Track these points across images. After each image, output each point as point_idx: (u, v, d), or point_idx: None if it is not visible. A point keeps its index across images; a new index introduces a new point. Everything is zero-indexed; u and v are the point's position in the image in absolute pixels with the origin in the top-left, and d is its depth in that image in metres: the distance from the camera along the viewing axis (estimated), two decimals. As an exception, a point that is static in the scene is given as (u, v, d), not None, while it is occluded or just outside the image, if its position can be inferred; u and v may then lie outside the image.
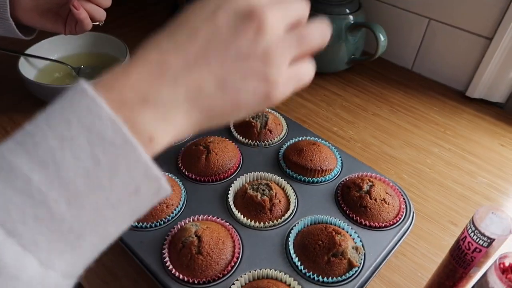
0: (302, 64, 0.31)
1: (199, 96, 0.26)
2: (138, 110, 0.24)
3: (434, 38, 0.87)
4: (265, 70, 0.27)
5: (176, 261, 0.48)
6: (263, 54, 0.27)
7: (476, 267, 0.44)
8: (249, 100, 0.28)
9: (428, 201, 0.65)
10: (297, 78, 0.30)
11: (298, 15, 0.30)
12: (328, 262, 0.48)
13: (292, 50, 0.29)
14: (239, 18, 0.27)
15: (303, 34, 0.29)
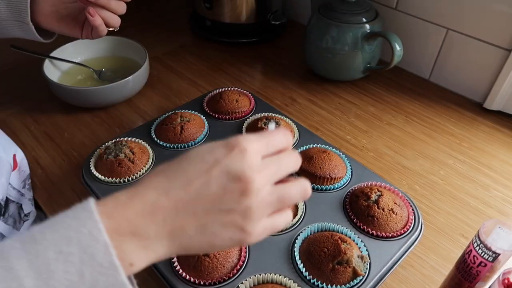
0: (279, 216, 0.35)
1: (181, 236, 0.31)
2: (127, 240, 0.29)
3: (452, 48, 0.87)
4: (243, 223, 0.32)
5: (183, 262, 0.50)
6: (244, 211, 0.31)
7: (481, 281, 0.43)
8: (224, 243, 0.32)
9: (440, 213, 0.64)
10: (272, 227, 0.34)
11: (287, 172, 0.35)
12: (333, 269, 0.49)
13: (271, 208, 0.33)
14: (230, 178, 0.31)
15: (284, 194, 0.33)
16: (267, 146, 0.34)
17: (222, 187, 0.31)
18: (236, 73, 0.95)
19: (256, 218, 0.32)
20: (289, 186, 0.34)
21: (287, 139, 0.36)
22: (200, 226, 0.31)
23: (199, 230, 0.31)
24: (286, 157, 0.35)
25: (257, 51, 1.04)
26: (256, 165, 0.32)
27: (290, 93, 0.89)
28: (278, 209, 0.34)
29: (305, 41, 0.90)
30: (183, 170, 0.32)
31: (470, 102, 0.88)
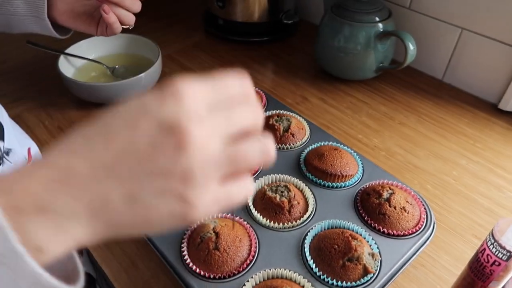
0: (235, 184, 0.27)
1: (105, 210, 0.24)
2: (32, 219, 0.23)
3: (466, 48, 0.86)
4: (183, 190, 0.24)
5: (194, 256, 0.50)
6: (182, 174, 0.24)
7: (495, 281, 0.43)
8: (163, 219, 0.25)
9: (452, 213, 0.64)
10: (227, 199, 0.27)
11: (241, 126, 0.27)
12: (343, 266, 0.48)
13: (221, 170, 0.26)
14: (161, 130, 0.24)
15: (237, 152, 0.26)
16: (215, 91, 0.26)
17: (152, 142, 0.24)
18: (248, 72, 0.95)
19: (201, 184, 0.25)
20: (245, 143, 0.27)
21: (244, 85, 0.28)
22: (128, 195, 0.24)
23: (127, 201, 0.24)
24: (241, 107, 0.27)
25: (269, 50, 1.04)
26: (197, 113, 0.25)
27: (301, 92, 0.89)
28: (234, 174, 0.27)
29: (317, 40, 0.90)
30: (104, 126, 0.25)
31: (484, 102, 0.87)
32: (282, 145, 0.66)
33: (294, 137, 0.67)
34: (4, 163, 0.57)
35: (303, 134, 0.68)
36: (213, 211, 0.26)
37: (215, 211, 0.26)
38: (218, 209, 0.27)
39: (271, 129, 0.67)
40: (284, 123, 0.67)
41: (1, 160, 0.55)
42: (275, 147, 0.29)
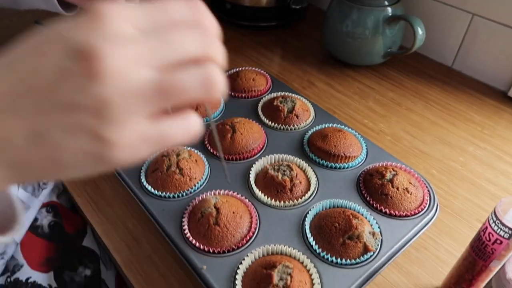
0: (173, 121, 0.23)
1: (6, 149, 0.21)
2: None
3: (477, 35, 0.84)
4: (96, 127, 0.21)
5: (194, 230, 0.50)
6: (94, 107, 0.20)
7: (496, 260, 0.42)
8: (77, 160, 0.22)
9: (457, 198, 0.63)
10: (160, 138, 0.22)
11: (183, 53, 0.22)
12: (343, 244, 0.48)
13: (151, 104, 0.21)
14: (71, 56, 0.20)
15: (172, 83, 0.21)
16: (150, 14, 0.22)
17: (59, 70, 0.20)
18: (255, 56, 0.95)
19: (120, 120, 0.21)
20: (182, 71, 0.22)
21: (193, 8, 0.23)
22: (32, 132, 0.21)
23: (32, 139, 0.21)
24: (184, 31, 0.22)
25: (277, 35, 1.03)
26: (118, 35, 0.20)
27: (308, 77, 0.88)
28: (174, 110, 0.23)
29: (325, 25, 0.89)
30: (9, 55, 0.21)
31: (494, 90, 0.85)
32: (286, 126, 0.66)
33: (298, 118, 0.66)
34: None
35: (307, 116, 0.68)
36: (142, 151, 0.22)
37: (147, 152, 0.23)
38: (150, 150, 0.23)
39: (275, 110, 0.67)
40: (289, 104, 0.67)
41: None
42: (279, 127, 0.24)
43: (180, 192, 0.55)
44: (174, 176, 0.55)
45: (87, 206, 0.61)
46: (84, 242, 0.64)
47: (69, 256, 0.61)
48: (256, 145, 0.61)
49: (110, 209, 0.60)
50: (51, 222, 0.63)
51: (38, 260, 0.59)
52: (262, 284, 0.44)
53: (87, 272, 0.61)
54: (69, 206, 0.67)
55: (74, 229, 0.64)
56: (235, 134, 0.60)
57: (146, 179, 0.58)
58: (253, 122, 0.65)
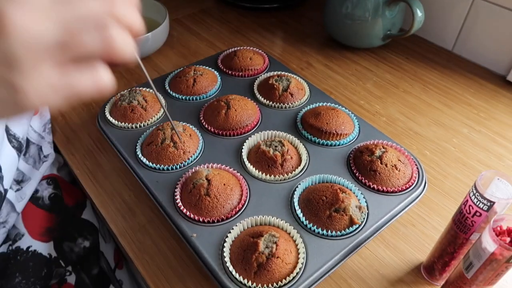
0: (82, 72, 0.25)
1: None
2: None
3: (477, 18, 0.84)
4: (7, 75, 0.23)
5: (185, 200, 0.52)
6: (5, 58, 0.23)
7: (476, 232, 0.43)
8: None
9: (448, 178, 0.64)
10: (68, 87, 0.25)
11: (88, 11, 0.24)
12: (330, 216, 0.50)
13: (58, 55, 0.24)
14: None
15: (75, 34, 0.24)
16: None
17: None
18: (255, 38, 0.95)
19: (28, 68, 0.23)
20: (86, 29, 0.24)
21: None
22: None
23: None
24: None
25: (278, 17, 1.03)
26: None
27: (306, 58, 0.89)
28: (80, 60, 0.25)
29: (325, 7, 0.89)
30: None
31: (493, 74, 0.85)
32: (281, 104, 0.67)
33: (293, 96, 0.67)
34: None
35: (302, 95, 0.69)
36: (53, 99, 0.25)
37: (57, 100, 0.25)
38: (60, 98, 0.25)
39: (270, 88, 0.68)
40: (284, 82, 0.68)
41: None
42: (273, 105, 0.24)
43: (173, 165, 0.57)
44: (168, 149, 0.57)
45: (86, 178, 0.63)
46: (84, 215, 0.66)
47: (69, 227, 0.63)
48: (250, 122, 0.63)
49: (107, 182, 0.62)
50: (51, 194, 0.65)
51: (38, 230, 0.61)
52: (249, 251, 0.45)
53: (86, 243, 0.63)
54: (69, 180, 0.69)
55: (74, 201, 0.66)
56: (229, 110, 0.62)
57: (142, 152, 0.59)
58: (248, 99, 0.66)
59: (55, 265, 0.59)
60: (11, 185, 0.60)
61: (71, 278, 0.59)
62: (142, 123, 0.63)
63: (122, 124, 0.63)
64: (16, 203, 0.60)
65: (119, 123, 0.63)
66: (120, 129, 0.63)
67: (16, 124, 0.60)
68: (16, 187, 0.61)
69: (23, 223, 0.61)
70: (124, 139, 0.61)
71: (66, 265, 0.60)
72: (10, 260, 0.58)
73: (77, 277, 0.60)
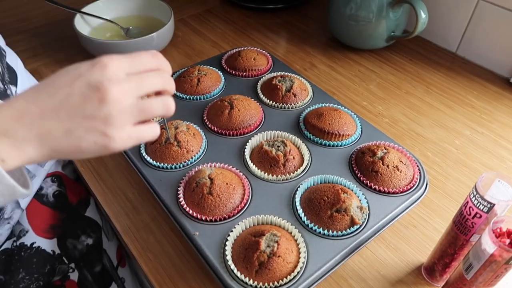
0: (144, 127, 0.39)
1: (49, 138, 0.35)
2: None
3: (482, 20, 0.84)
4: (105, 128, 0.35)
5: (188, 199, 0.52)
6: (104, 117, 0.35)
7: (476, 234, 0.43)
8: (90, 147, 0.36)
9: (450, 180, 0.64)
10: (138, 136, 0.38)
11: (151, 88, 0.38)
12: (331, 216, 0.50)
13: (133, 117, 0.37)
14: (90, 88, 0.35)
15: (144, 105, 0.37)
16: (131, 63, 0.38)
17: (83, 96, 0.35)
18: (259, 38, 0.96)
19: (118, 125, 0.36)
20: (151, 99, 0.38)
21: (156, 59, 0.39)
22: (65, 129, 0.35)
23: (65, 134, 0.35)
24: (151, 75, 0.38)
25: (283, 18, 1.04)
26: (116, 78, 0.36)
27: (310, 59, 0.89)
28: (143, 120, 0.38)
29: (329, 8, 0.90)
30: (50, 83, 0.36)
31: (497, 76, 0.85)
32: (284, 104, 0.67)
33: (296, 97, 0.68)
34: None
35: (305, 95, 0.69)
36: (129, 143, 0.37)
37: (131, 144, 0.38)
38: (133, 143, 0.38)
39: (273, 89, 0.68)
40: (287, 83, 0.68)
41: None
42: (276, 105, 0.38)
43: (177, 164, 0.57)
44: (172, 148, 0.57)
45: (90, 176, 0.64)
46: (87, 212, 0.66)
47: (72, 224, 0.64)
48: (253, 122, 0.63)
49: (111, 179, 0.63)
50: (56, 191, 0.66)
51: (42, 227, 0.62)
52: (250, 250, 0.46)
53: (89, 241, 0.63)
54: (73, 177, 0.70)
55: (78, 199, 0.67)
56: (232, 110, 0.62)
57: (146, 150, 0.60)
58: (251, 99, 0.66)
59: (58, 261, 0.60)
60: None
61: (74, 275, 0.60)
62: (146, 122, 0.64)
63: (127, 122, 0.64)
64: (21, 200, 0.61)
65: (123, 121, 0.64)
66: (125, 127, 0.64)
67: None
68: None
69: (28, 219, 0.62)
70: (128, 138, 0.62)
71: (69, 262, 0.61)
72: (14, 256, 0.58)
73: (80, 274, 0.61)
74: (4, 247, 0.59)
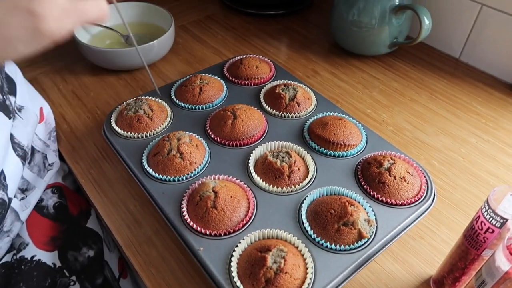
0: (87, 2, 0.34)
1: None
2: None
3: (485, 26, 0.83)
4: (28, 5, 0.30)
5: (192, 213, 0.51)
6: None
7: (488, 249, 0.42)
8: (19, 34, 0.31)
9: (457, 189, 0.63)
10: (78, 13, 0.33)
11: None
12: (338, 230, 0.49)
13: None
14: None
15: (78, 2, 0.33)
16: None
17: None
18: (260, 44, 0.95)
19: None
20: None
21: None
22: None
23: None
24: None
25: (284, 24, 1.03)
26: None
27: (312, 65, 0.88)
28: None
29: (331, 14, 0.89)
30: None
31: (501, 82, 0.85)
32: (287, 113, 0.66)
33: (299, 106, 0.67)
34: (16, 118, 0.59)
35: (309, 104, 0.68)
36: (67, 22, 0.32)
37: (70, 23, 0.33)
38: (72, 22, 0.33)
39: (276, 98, 0.67)
40: (290, 92, 0.67)
41: (13, 115, 0.57)
42: (280, 114, 0.32)
43: (180, 176, 0.56)
44: (175, 160, 0.56)
45: (91, 188, 0.62)
46: (88, 223, 0.65)
47: (73, 236, 0.63)
48: (257, 132, 0.62)
49: (112, 191, 0.62)
50: (56, 203, 0.65)
51: (43, 239, 0.60)
52: (256, 266, 0.45)
53: (90, 253, 0.62)
54: (73, 188, 0.69)
55: (78, 210, 0.66)
56: (236, 120, 0.61)
57: (148, 162, 0.59)
58: (255, 109, 0.65)
59: (60, 274, 0.59)
60: (16, 193, 0.59)
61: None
62: (148, 132, 0.63)
63: (128, 133, 0.63)
64: (21, 212, 0.60)
65: (125, 132, 0.63)
66: (126, 138, 0.63)
67: (21, 132, 0.60)
68: (20, 195, 0.60)
69: (28, 232, 0.61)
70: (130, 149, 0.61)
71: (70, 274, 0.60)
72: (14, 270, 0.57)
73: (81, 286, 0.60)
74: (4, 260, 0.57)
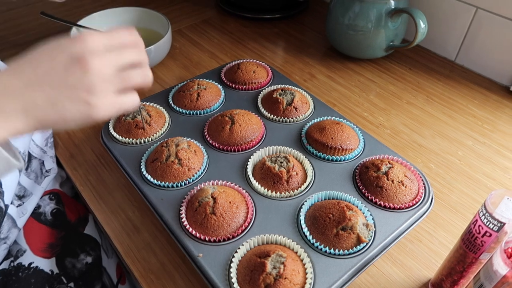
0: (125, 95, 0.41)
1: (34, 110, 0.37)
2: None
3: (480, 29, 0.84)
4: (88, 97, 0.38)
5: (191, 219, 0.51)
6: (87, 87, 0.38)
7: (486, 252, 0.43)
8: (75, 116, 0.38)
9: (454, 192, 0.63)
10: (119, 104, 0.41)
11: (129, 59, 0.41)
12: (337, 235, 0.49)
13: (114, 85, 0.39)
14: (72, 60, 0.37)
15: (125, 75, 0.40)
16: (110, 38, 0.40)
17: (66, 67, 0.37)
18: (257, 48, 0.95)
19: (100, 94, 0.38)
20: (131, 69, 0.41)
21: (132, 35, 0.42)
22: (49, 100, 0.37)
23: (50, 104, 0.37)
24: (128, 48, 0.41)
25: (280, 27, 1.03)
26: (96, 50, 0.38)
27: (309, 69, 0.88)
28: (124, 90, 0.41)
29: (327, 18, 0.89)
30: (32, 58, 0.38)
31: (496, 85, 0.85)
32: (285, 118, 0.66)
33: (297, 110, 0.67)
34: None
35: (306, 108, 0.68)
36: (111, 111, 0.40)
37: (113, 112, 0.40)
38: (115, 111, 0.40)
39: (274, 102, 0.67)
40: (288, 96, 0.68)
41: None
42: (277, 119, 0.38)
43: (178, 182, 0.56)
44: (173, 166, 0.56)
45: (90, 194, 0.62)
46: (86, 230, 0.65)
47: (71, 243, 0.62)
48: (255, 137, 0.62)
49: (111, 198, 0.62)
50: (54, 209, 0.64)
51: (40, 246, 0.60)
52: (256, 272, 0.45)
53: (88, 259, 0.62)
54: (71, 194, 0.69)
55: (76, 217, 0.65)
56: (233, 126, 0.61)
57: (146, 168, 0.59)
58: (252, 114, 0.66)
59: (57, 281, 0.59)
60: (12, 200, 0.59)
61: (74, 295, 0.59)
62: (146, 138, 0.63)
63: (126, 139, 0.63)
64: (18, 219, 0.59)
65: (123, 138, 0.63)
66: (124, 144, 0.63)
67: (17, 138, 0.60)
68: (17, 202, 0.60)
69: (25, 239, 0.60)
70: (128, 155, 0.61)
71: (68, 281, 0.59)
72: (12, 277, 0.57)
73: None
74: (1, 267, 0.57)
